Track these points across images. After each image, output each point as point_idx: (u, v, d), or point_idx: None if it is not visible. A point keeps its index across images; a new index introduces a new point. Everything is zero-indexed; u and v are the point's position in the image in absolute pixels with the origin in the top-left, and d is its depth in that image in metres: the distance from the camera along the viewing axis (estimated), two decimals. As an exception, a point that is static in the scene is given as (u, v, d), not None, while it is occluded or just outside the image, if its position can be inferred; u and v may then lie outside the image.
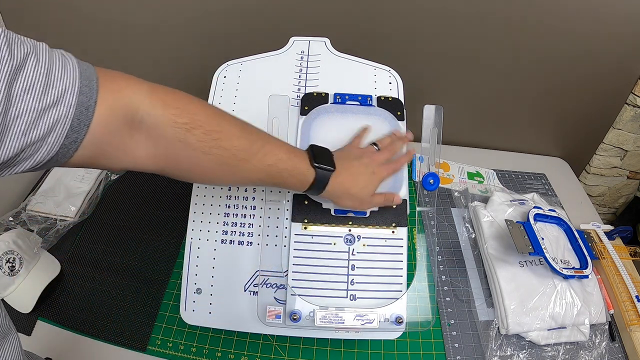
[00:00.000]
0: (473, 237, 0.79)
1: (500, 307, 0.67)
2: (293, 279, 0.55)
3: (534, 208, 0.75)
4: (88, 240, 0.79)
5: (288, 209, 0.58)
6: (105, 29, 0.86)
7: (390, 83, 0.65)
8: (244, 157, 0.41)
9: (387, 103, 0.62)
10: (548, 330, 0.65)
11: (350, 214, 0.56)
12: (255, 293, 0.56)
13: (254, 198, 0.60)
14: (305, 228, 0.56)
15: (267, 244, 0.58)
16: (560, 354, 0.65)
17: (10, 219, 0.79)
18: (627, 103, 0.88)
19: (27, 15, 0.85)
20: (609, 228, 0.80)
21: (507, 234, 0.70)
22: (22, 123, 0.27)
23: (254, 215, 0.59)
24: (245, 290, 0.57)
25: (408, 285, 0.55)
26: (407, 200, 0.58)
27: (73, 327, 0.66)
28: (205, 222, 0.59)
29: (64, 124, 0.29)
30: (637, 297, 0.70)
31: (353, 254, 0.56)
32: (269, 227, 0.58)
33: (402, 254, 0.56)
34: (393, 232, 0.56)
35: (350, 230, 0.56)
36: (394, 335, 0.57)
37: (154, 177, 0.73)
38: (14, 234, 0.69)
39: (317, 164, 0.47)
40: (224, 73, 0.65)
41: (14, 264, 0.66)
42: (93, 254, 0.76)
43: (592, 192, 1.07)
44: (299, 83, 0.65)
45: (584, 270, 0.69)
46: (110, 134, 0.32)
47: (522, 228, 0.69)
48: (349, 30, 0.80)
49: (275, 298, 0.55)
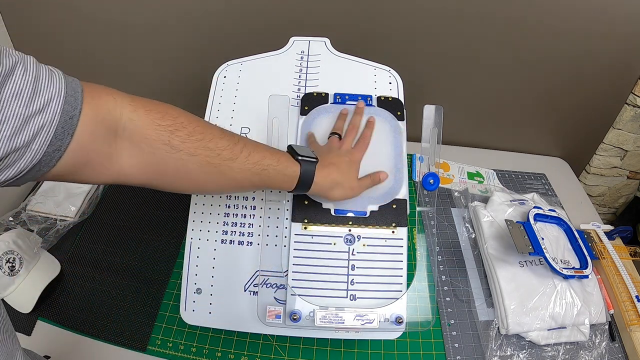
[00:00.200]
0: (473, 237, 0.79)
1: (500, 307, 0.67)
2: (293, 279, 0.55)
3: (534, 208, 0.75)
4: (88, 240, 0.79)
5: (288, 209, 0.58)
6: (105, 29, 0.86)
7: (390, 83, 0.65)
8: (229, 156, 0.41)
9: (387, 103, 0.62)
10: (548, 330, 0.65)
11: (350, 214, 0.56)
12: (255, 293, 0.56)
13: (254, 198, 0.60)
14: (305, 228, 0.56)
15: (267, 244, 0.58)
16: (560, 354, 0.65)
17: (10, 219, 0.79)
18: (627, 103, 0.88)
19: (27, 15, 0.85)
20: (609, 228, 0.80)
21: (507, 234, 0.70)
22: (8, 128, 0.28)
23: (254, 215, 0.59)
24: (245, 290, 0.57)
25: (408, 285, 0.55)
26: (407, 200, 0.58)
27: (73, 327, 0.66)
28: (205, 222, 0.59)
29: (48, 131, 0.30)
30: (637, 297, 0.70)
31: (353, 254, 0.56)
32: (269, 227, 0.58)
33: (402, 254, 0.56)
34: (393, 232, 0.56)
35: (350, 230, 0.56)
36: (394, 335, 0.57)
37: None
38: (14, 234, 0.69)
39: (300, 157, 0.48)
40: (224, 73, 0.65)
41: (14, 264, 0.66)
42: (93, 254, 0.76)
43: (592, 192, 1.07)
44: (299, 83, 0.65)
45: (584, 270, 0.69)
46: (94, 143, 0.33)
47: (522, 228, 0.69)
48: (349, 30, 0.80)
49: (275, 298, 0.55)
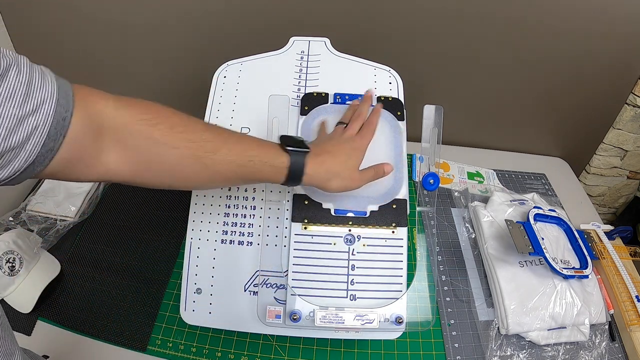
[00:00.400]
0: (473, 237, 0.79)
1: (500, 307, 0.67)
2: (293, 279, 0.55)
3: (534, 208, 0.75)
4: (88, 240, 0.79)
5: (288, 209, 0.58)
6: (105, 29, 0.86)
7: (390, 83, 0.65)
8: (211, 148, 0.41)
9: (387, 103, 0.62)
10: (548, 330, 0.65)
11: (350, 214, 0.56)
12: (255, 293, 0.56)
13: (254, 198, 0.60)
14: (305, 228, 0.56)
15: (267, 244, 0.58)
16: (560, 354, 0.65)
17: (10, 219, 0.79)
18: (627, 103, 0.88)
19: (27, 15, 0.85)
20: (609, 228, 0.80)
21: (507, 234, 0.70)
22: (3, 129, 0.28)
23: (254, 215, 0.59)
24: (245, 290, 0.57)
25: (408, 285, 0.55)
26: (407, 200, 0.58)
27: (73, 327, 0.66)
28: (205, 222, 0.59)
29: (42, 132, 0.31)
30: (637, 297, 0.70)
31: (353, 254, 0.56)
32: (269, 227, 0.58)
33: (402, 254, 0.56)
34: (393, 232, 0.56)
35: (350, 230, 0.56)
36: (394, 335, 0.57)
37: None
38: (14, 234, 0.69)
39: (288, 147, 0.46)
40: (224, 73, 0.65)
41: (14, 264, 0.66)
42: (93, 254, 0.76)
43: (592, 192, 1.07)
44: (299, 83, 0.65)
45: (584, 270, 0.69)
46: (84, 143, 0.35)
47: (522, 228, 0.69)
48: (349, 30, 0.80)
49: (275, 298, 0.55)
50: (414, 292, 0.66)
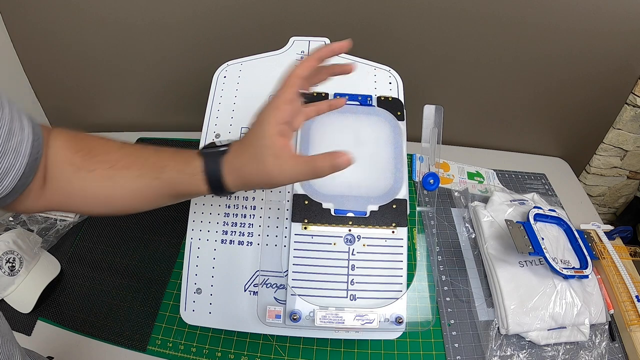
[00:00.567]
0: (473, 237, 0.79)
1: (500, 307, 0.67)
2: (293, 279, 0.55)
3: (534, 208, 0.75)
4: (88, 240, 0.79)
5: (288, 209, 0.58)
6: (105, 29, 0.86)
7: (390, 83, 0.65)
8: (124, 165, 0.40)
9: (387, 103, 0.62)
10: (548, 330, 0.65)
11: (350, 214, 0.56)
12: (255, 293, 0.56)
13: (254, 198, 0.60)
14: (305, 228, 0.56)
15: (267, 244, 0.58)
16: (560, 354, 0.65)
17: (10, 219, 0.79)
18: (627, 103, 0.88)
19: (27, 15, 0.85)
20: (609, 228, 0.80)
21: (507, 234, 0.70)
22: None
23: (254, 215, 0.59)
24: (245, 290, 0.57)
25: (408, 285, 0.55)
26: (407, 200, 0.58)
27: (73, 327, 0.66)
28: (205, 222, 0.59)
29: (18, 170, 0.34)
30: (637, 297, 0.70)
31: (353, 254, 0.56)
32: (269, 227, 0.58)
33: (402, 254, 0.56)
34: (393, 232, 0.56)
35: (350, 230, 0.56)
36: (394, 335, 0.57)
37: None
38: (14, 234, 0.69)
39: (204, 149, 0.42)
40: (224, 73, 0.65)
41: (14, 264, 0.66)
42: (93, 254, 0.76)
43: (592, 192, 1.07)
44: (299, 83, 0.64)
45: (584, 270, 0.69)
46: (42, 180, 0.38)
47: (522, 228, 0.69)
48: (349, 30, 0.80)
49: (275, 298, 0.55)
50: (414, 292, 0.66)
